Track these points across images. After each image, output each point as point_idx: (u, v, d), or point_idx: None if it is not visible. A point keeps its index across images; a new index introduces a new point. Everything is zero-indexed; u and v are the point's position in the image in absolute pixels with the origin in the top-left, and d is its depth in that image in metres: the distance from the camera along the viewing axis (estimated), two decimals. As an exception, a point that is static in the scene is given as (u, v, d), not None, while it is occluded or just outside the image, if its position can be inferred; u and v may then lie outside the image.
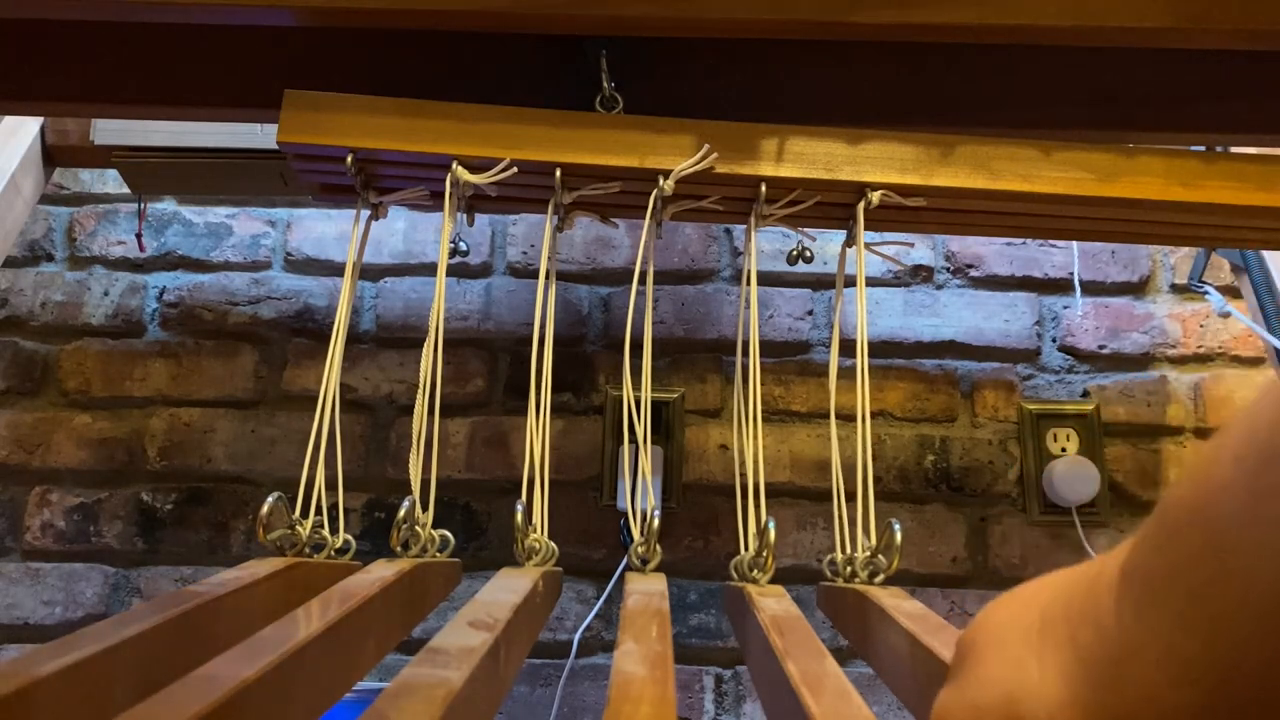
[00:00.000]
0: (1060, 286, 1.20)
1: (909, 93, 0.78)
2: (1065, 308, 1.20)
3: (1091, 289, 1.20)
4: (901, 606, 0.50)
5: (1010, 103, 0.77)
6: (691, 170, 0.66)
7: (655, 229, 0.70)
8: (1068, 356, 1.18)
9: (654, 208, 0.68)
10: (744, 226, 0.72)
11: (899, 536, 0.56)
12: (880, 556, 0.58)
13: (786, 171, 0.68)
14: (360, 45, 0.77)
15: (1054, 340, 1.19)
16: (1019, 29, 0.61)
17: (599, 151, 0.68)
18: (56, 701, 0.32)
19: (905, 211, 0.69)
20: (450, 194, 0.67)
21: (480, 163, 0.67)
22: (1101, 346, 1.19)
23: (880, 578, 0.58)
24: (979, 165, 0.68)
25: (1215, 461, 0.20)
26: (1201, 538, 0.19)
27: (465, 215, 0.73)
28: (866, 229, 0.69)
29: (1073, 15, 0.60)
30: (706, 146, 0.67)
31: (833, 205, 0.71)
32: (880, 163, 0.68)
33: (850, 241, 0.70)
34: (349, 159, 0.68)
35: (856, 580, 0.59)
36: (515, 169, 0.67)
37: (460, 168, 0.67)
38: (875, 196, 0.67)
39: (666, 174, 0.67)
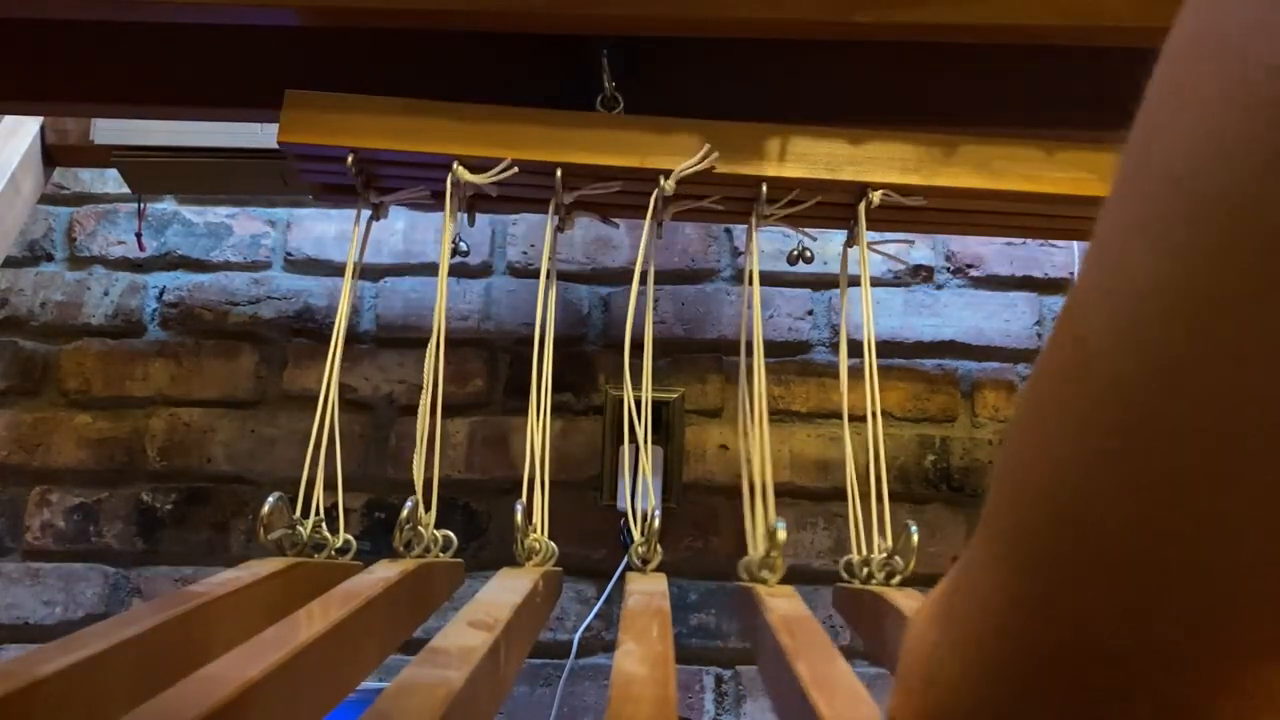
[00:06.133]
0: (1061, 286, 1.20)
1: (910, 93, 0.78)
2: (1066, 308, 1.19)
3: (1092, 289, 1.20)
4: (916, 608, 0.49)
5: (1011, 102, 0.77)
6: (693, 170, 0.66)
7: (656, 229, 0.70)
8: (1068, 356, 1.18)
9: (655, 208, 0.68)
10: (744, 226, 0.72)
11: (915, 539, 0.56)
12: (897, 558, 0.58)
13: (788, 172, 0.68)
14: (362, 45, 0.77)
15: (1054, 340, 1.19)
16: (1021, 28, 0.61)
17: (600, 151, 0.68)
18: (57, 701, 0.32)
19: (906, 211, 0.69)
20: (451, 194, 0.67)
21: (481, 163, 0.67)
22: (1102, 346, 1.18)
23: (896, 579, 0.58)
24: (980, 165, 0.68)
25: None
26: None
27: (466, 215, 0.72)
28: (867, 229, 0.69)
29: (1074, 15, 0.60)
30: (707, 147, 0.67)
31: (834, 205, 0.71)
32: (881, 163, 0.68)
33: (852, 241, 0.70)
34: (349, 159, 0.67)
35: (873, 582, 0.59)
36: (516, 169, 0.67)
37: (461, 168, 0.67)
38: (876, 196, 0.67)
39: (667, 174, 0.67)
